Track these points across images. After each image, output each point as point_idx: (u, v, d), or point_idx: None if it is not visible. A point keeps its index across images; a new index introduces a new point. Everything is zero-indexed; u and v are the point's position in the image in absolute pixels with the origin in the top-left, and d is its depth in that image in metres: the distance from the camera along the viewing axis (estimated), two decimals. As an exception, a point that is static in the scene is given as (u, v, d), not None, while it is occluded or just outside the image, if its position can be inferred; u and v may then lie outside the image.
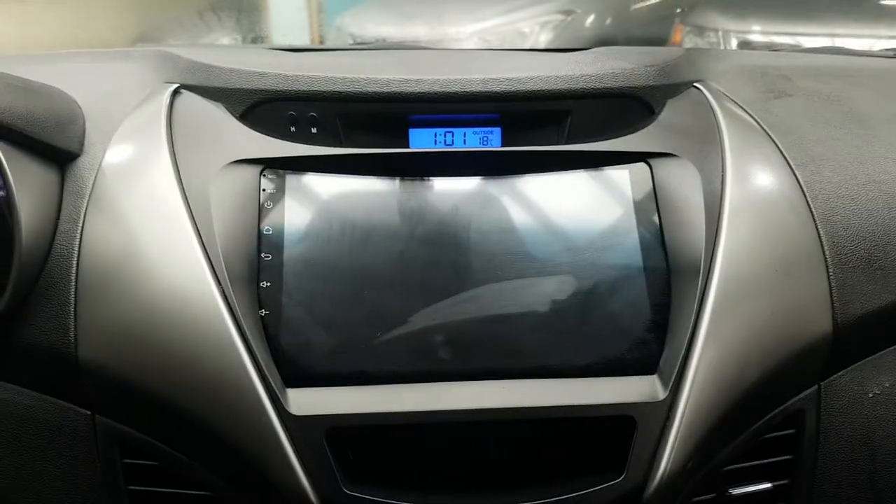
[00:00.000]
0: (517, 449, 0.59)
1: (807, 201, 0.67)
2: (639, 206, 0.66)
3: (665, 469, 0.57)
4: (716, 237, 0.63)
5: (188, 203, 0.62)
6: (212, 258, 0.60)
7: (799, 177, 0.69)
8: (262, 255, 0.63)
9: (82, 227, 0.62)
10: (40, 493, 0.63)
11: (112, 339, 0.60)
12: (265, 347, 0.59)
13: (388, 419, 0.57)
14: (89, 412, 0.63)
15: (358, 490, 0.56)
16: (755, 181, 0.67)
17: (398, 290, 0.63)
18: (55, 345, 0.61)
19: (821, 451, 0.67)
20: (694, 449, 0.58)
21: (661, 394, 0.59)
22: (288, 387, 0.59)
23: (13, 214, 0.59)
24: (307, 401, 0.58)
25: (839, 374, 0.68)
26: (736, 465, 0.64)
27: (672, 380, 0.59)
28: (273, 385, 0.58)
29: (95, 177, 0.64)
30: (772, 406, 0.65)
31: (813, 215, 0.67)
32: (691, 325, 0.60)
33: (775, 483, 0.65)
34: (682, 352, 0.59)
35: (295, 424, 0.57)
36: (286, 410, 0.57)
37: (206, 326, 0.58)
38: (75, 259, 0.61)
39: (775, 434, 0.66)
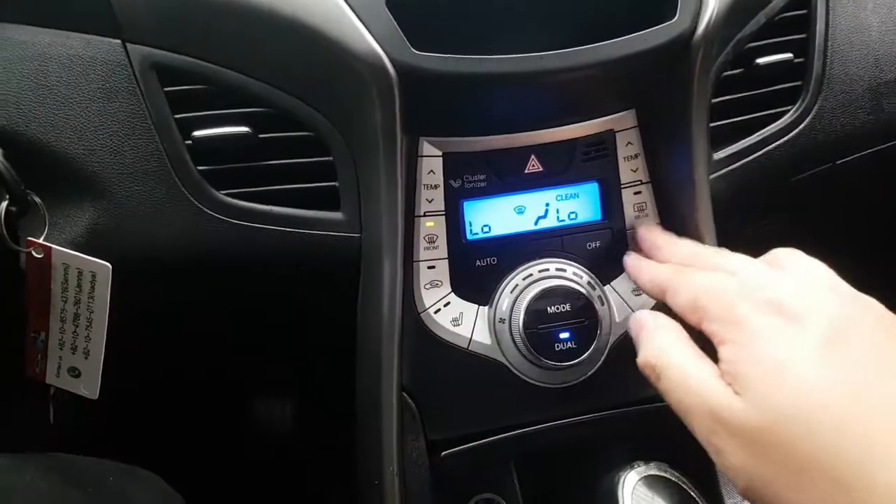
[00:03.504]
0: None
1: None
2: None
3: (711, 14, 0.59)
4: None
5: None
6: None
7: None
8: None
9: None
10: (77, 128, 0.58)
11: None
12: None
13: None
14: (119, 40, 0.59)
15: (426, 51, 0.56)
16: None
17: None
18: None
19: (829, 32, 0.72)
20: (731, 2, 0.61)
21: None
22: None
23: None
24: None
25: None
26: (759, 42, 0.68)
27: None
28: None
29: None
30: None
31: None
32: None
33: (795, 59, 0.70)
34: None
35: None
36: None
37: None
38: None
39: (790, 14, 0.70)
